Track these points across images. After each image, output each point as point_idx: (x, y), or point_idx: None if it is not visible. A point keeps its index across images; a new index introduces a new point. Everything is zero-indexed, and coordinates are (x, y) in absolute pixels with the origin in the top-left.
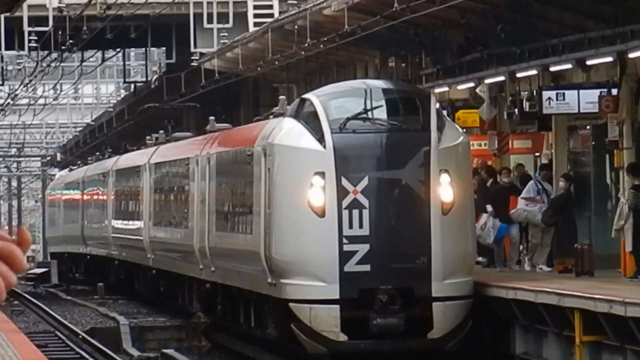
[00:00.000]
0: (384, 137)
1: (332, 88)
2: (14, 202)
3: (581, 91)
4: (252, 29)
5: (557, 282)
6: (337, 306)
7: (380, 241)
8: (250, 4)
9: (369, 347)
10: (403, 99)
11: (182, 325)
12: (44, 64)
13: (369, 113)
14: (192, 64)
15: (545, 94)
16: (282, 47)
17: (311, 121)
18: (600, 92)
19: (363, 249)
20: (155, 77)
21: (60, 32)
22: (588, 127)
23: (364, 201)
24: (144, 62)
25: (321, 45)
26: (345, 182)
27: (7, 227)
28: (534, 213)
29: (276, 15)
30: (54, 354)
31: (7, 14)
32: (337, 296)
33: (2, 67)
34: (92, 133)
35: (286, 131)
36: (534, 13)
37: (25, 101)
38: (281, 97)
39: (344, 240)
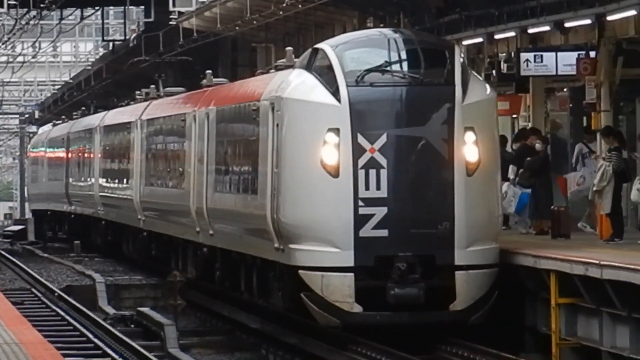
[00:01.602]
0: (404, 91)
1: (347, 37)
2: None
3: (559, 53)
4: None
5: (533, 244)
6: (352, 274)
7: (399, 204)
8: None
9: (386, 320)
10: (425, 50)
11: (158, 284)
12: (23, 22)
13: (388, 65)
14: (171, 22)
15: (523, 55)
16: (260, 7)
17: (325, 73)
18: (579, 55)
19: (380, 212)
20: (134, 35)
21: None
22: (565, 89)
23: (382, 160)
24: (122, 21)
25: (299, 6)
26: (361, 140)
27: None
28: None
29: None
30: (30, 311)
31: None
32: (351, 263)
33: None
34: (70, 91)
35: (297, 84)
36: None
37: (3, 59)
38: (288, 48)
39: (360, 203)
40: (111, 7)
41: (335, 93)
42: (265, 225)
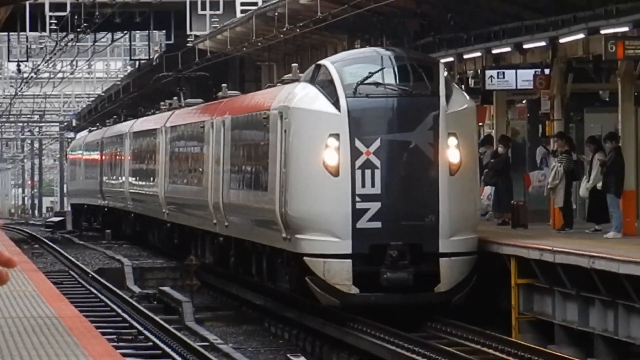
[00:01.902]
0: (395, 102)
1: (346, 54)
2: (36, 161)
3: (518, 71)
4: (239, 15)
5: (497, 234)
6: (350, 261)
7: (391, 200)
8: None
9: (379, 300)
10: (413, 66)
11: (177, 267)
12: (62, 44)
13: (381, 78)
14: (188, 44)
15: (488, 72)
16: (264, 31)
17: (326, 86)
18: (535, 72)
19: (374, 207)
20: (157, 55)
21: (76, 17)
22: (524, 101)
23: (376, 162)
24: (147, 43)
25: (297, 30)
26: (358, 144)
27: (30, 182)
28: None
29: (260, 3)
30: (67, 290)
31: (32, 1)
32: (349, 251)
33: (27, 46)
34: (103, 102)
35: (302, 95)
36: (479, 3)
37: (46, 75)
38: (294, 65)
39: (357, 199)
40: (137, 31)
41: (336, 103)
42: (274, 218)
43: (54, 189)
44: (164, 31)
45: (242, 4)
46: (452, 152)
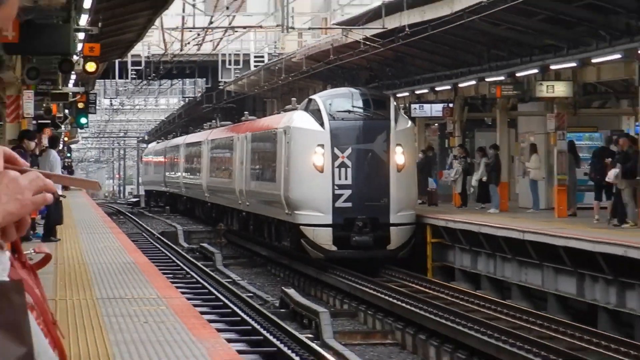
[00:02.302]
0: (361, 123)
1: (329, 92)
2: (121, 162)
3: (432, 105)
4: (252, 68)
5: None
6: (331, 228)
7: (358, 188)
8: (251, 56)
9: (351, 255)
10: (373, 99)
11: (211, 230)
12: (139, 87)
13: (352, 107)
14: (220, 87)
15: (413, 106)
16: (268, 79)
17: (315, 112)
18: (443, 105)
19: (347, 193)
20: (200, 94)
21: (147, 69)
22: (436, 124)
23: (348, 163)
24: (193, 86)
25: (290, 78)
26: (336, 151)
27: (118, 175)
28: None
29: (266, 60)
30: (141, 245)
31: (119, 59)
32: (330, 222)
33: (116, 88)
34: (165, 125)
35: (299, 119)
36: (408, 61)
37: (128, 107)
38: (293, 99)
39: (335, 187)
40: (187, 79)
41: (322, 124)
42: (280, 200)
43: (133, 180)
44: (204, 78)
45: (255, 61)
46: (399, 156)
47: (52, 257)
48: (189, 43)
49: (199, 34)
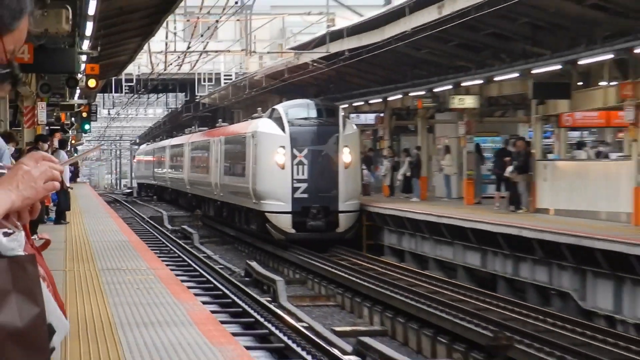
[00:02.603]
0: (315, 128)
1: (289, 103)
2: (117, 160)
3: (367, 114)
4: (222, 85)
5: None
6: (290, 215)
7: (313, 182)
8: (222, 75)
9: (306, 237)
10: (326, 108)
11: (190, 215)
12: (131, 99)
13: (308, 115)
14: (196, 100)
15: (351, 115)
16: (235, 93)
17: (278, 120)
18: (375, 115)
19: (304, 186)
20: (180, 106)
21: (138, 85)
22: (370, 130)
23: (305, 161)
24: (174, 99)
25: (252, 93)
26: (295, 151)
27: (115, 171)
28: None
29: (233, 78)
30: (133, 226)
31: (115, 77)
32: (290, 210)
33: (113, 100)
34: (152, 130)
35: (265, 125)
36: (347, 79)
37: (123, 116)
38: (258, 108)
39: (294, 181)
40: (170, 93)
41: (283, 129)
42: (248, 191)
43: (127, 175)
44: (184, 93)
45: (224, 79)
46: (346, 156)
47: (51, 242)
48: (171, 64)
49: (179, 57)
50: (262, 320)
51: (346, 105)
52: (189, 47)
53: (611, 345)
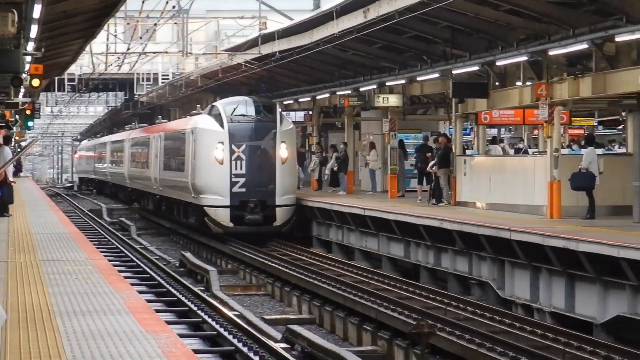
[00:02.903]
0: (253, 124)
1: (227, 100)
2: (59, 156)
3: (297, 112)
4: (160, 84)
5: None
6: (228, 209)
7: (250, 177)
8: (159, 75)
9: (245, 230)
10: (263, 105)
11: (128, 208)
12: (73, 97)
13: (246, 112)
14: (135, 98)
15: (283, 113)
16: (172, 92)
17: (217, 116)
18: (305, 113)
19: (242, 180)
20: (120, 104)
21: (80, 84)
22: (299, 127)
23: (243, 156)
24: (114, 97)
25: (188, 92)
26: (233, 147)
27: (57, 166)
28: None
29: (170, 78)
30: (73, 219)
31: (58, 77)
32: (228, 204)
33: (56, 99)
34: (93, 127)
35: (204, 121)
36: (278, 79)
37: (65, 113)
38: (198, 105)
39: (232, 176)
40: (110, 92)
41: (222, 125)
42: (188, 186)
43: (68, 169)
44: (123, 92)
45: (162, 78)
46: (283, 151)
47: None
48: (111, 64)
49: (119, 58)
50: (195, 309)
51: (290, 102)
52: (128, 49)
53: (528, 332)
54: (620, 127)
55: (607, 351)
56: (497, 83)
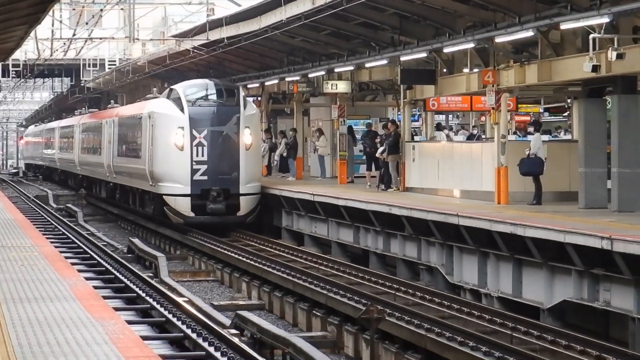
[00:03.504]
0: (216, 109)
1: (187, 83)
2: (4, 142)
3: (248, 98)
4: (107, 69)
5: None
6: (189, 198)
7: (213, 164)
8: (106, 60)
9: (207, 220)
10: (225, 88)
11: (74, 194)
12: (18, 83)
13: (207, 95)
14: (82, 84)
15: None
16: (119, 78)
17: (176, 100)
18: (253, 99)
19: (203, 167)
20: (66, 89)
21: (25, 70)
22: None
23: (205, 142)
24: (60, 83)
25: (136, 77)
26: (194, 132)
27: (1, 152)
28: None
29: (117, 64)
30: (19, 206)
31: (2, 62)
32: (189, 192)
33: (0, 85)
34: (39, 113)
35: (162, 105)
36: (226, 65)
37: (10, 99)
38: (154, 88)
39: (194, 163)
40: (56, 77)
41: (182, 110)
42: (144, 173)
43: (14, 156)
44: (69, 77)
45: (109, 64)
46: (247, 137)
47: None
48: (57, 50)
49: (65, 43)
50: (143, 295)
51: (256, 85)
52: (74, 34)
53: (476, 317)
54: (565, 114)
55: (554, 336)
56: (444, 70)
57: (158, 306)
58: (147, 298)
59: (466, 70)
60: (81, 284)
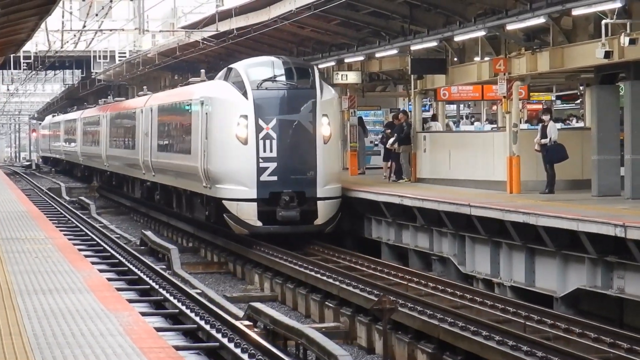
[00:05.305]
0: (286, 93)
1: (250, 61)
2: (17, 134)
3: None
4: (117, 62)
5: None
6: (255, 203)
7: (284, 160)
8: (116, 52)
9: (277, 231)
10: (297, 68)
11: (87, 187)
12: (30, 75)
13: (276, 77)
14: (92, 76)
15: None
16: (130, 70)
17: (237, 82)
18: None
19: (272, 165)
20: (77, 82)
21: (36, 62)
22: None
23: (273, 134)
24: (71, 75)
25: (146, 69)
26: (261, 122)
27: (14, 145)
28: None
29: (127, 55)
30: (32, 198)
31: (14, 54)
32: (255, 196)
33: (12, 77)
34: (52, 105)
35: (220, 88)
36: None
37: (21, 91)
38: (202, 70)
39: (260, 160)
40: (67, 69)
41: (245, 94)
42: (197, 172)
43: (26, 148)
44: (80, 69)
45: (119, 56)
46: (325, 127)
47: None
48: (67, 42)
49: (75, 35)
50: (156, 287)
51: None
52: (84, 26)
53: (489, 307)
54: (578, 101)
55: (567, 324)
56: (455, 59)
57: (171, 298)
58: (161, 290)
59: (477, 58)
60: (95, 275)
